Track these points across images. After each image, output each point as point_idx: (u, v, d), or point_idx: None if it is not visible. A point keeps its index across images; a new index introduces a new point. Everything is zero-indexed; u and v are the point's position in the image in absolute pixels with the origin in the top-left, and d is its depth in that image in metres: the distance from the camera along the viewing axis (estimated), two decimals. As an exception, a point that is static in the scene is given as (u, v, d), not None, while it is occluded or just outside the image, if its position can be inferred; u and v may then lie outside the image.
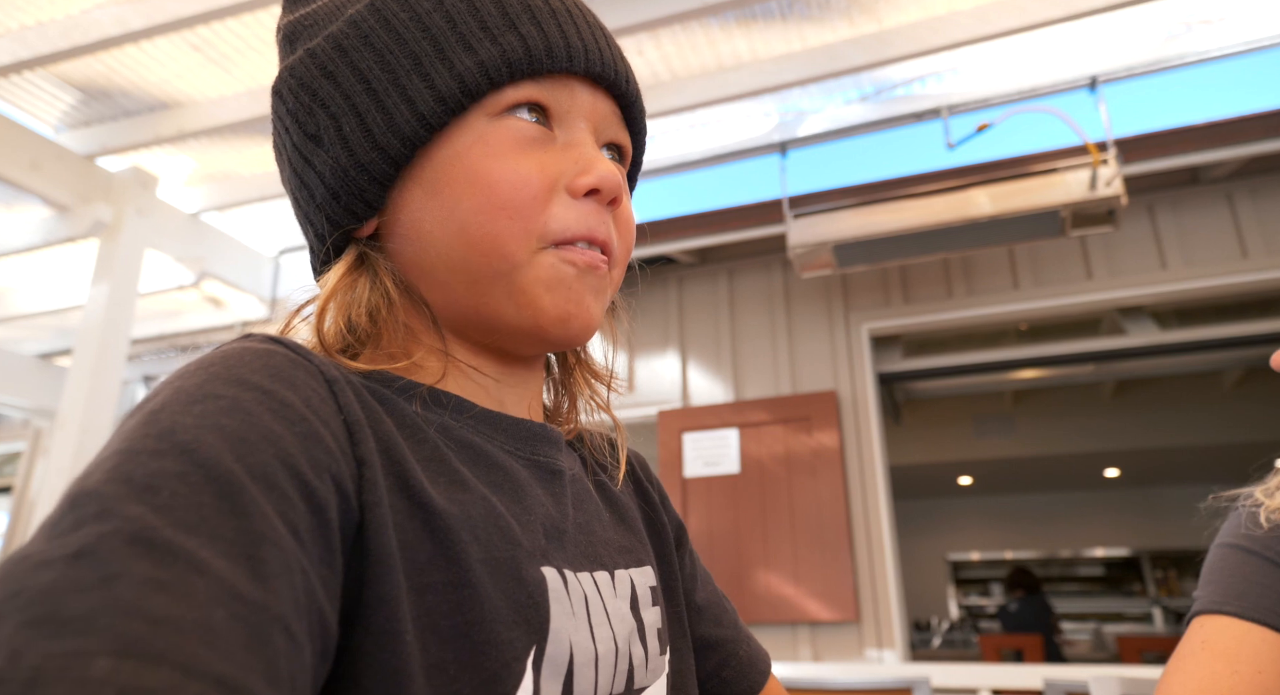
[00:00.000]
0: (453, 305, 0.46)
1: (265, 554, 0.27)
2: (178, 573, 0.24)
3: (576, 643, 0.40)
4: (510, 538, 0.40)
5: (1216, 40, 2.52)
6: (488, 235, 0.43)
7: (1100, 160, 2.54)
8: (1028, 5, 2.35)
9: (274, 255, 3.65)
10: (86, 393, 2.70)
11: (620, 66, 0.49)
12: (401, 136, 0.44)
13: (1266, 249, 2.91)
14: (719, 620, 0.59)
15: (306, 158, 0.46)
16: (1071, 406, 6.02)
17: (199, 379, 0.32)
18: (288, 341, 0.38)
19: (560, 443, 0.50)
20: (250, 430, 0.30)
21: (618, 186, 0.46)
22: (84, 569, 0.24)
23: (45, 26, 2.38)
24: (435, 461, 0.40)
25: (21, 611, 0.22)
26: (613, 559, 0.48)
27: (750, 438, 3.27)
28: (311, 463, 0.31)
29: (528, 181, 0.44)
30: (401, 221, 0.45)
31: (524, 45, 0.44)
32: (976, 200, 2.67)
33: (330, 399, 0.36)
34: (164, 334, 4.10)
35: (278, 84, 0.48)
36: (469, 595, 0.36)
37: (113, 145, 2.84)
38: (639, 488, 0.59)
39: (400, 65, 0.44)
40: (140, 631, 0.22)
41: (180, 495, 0.27)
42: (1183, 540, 7.79)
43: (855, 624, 2.95)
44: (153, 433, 0.29)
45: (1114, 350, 3.34)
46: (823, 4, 2.43)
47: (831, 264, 2.97)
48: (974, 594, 8.35)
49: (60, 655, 0.21)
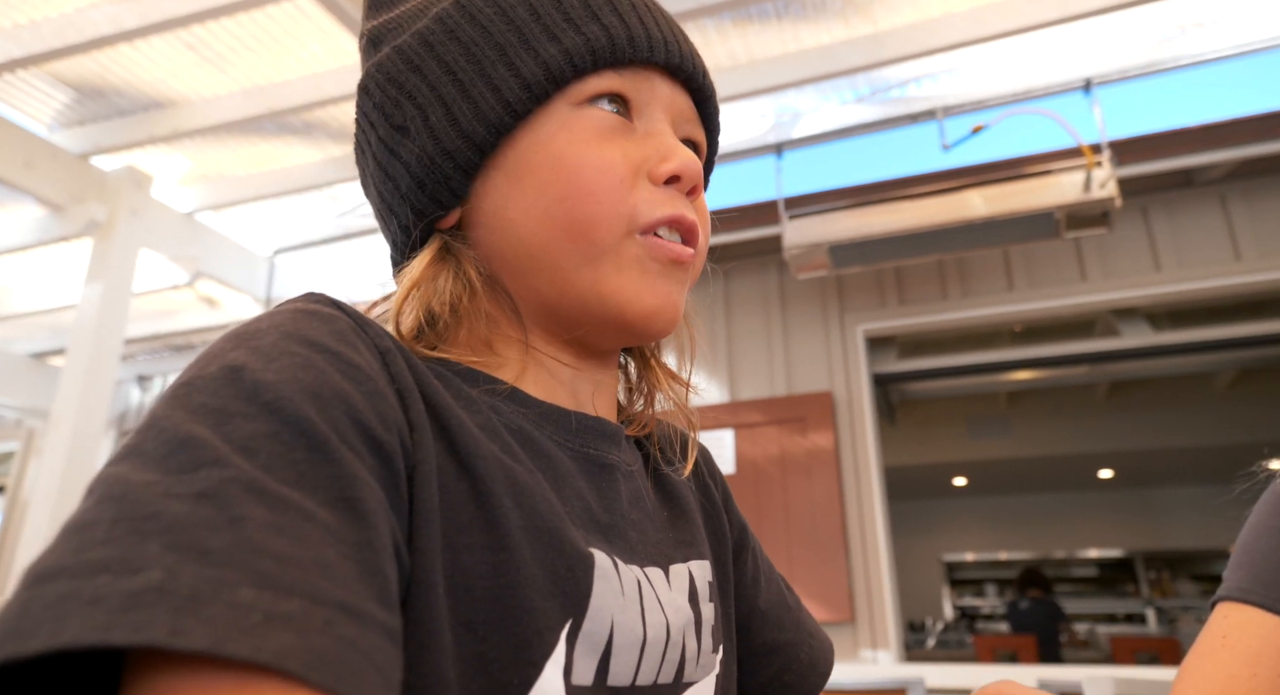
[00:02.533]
0: (535, 295, 0.46)
1: (362, 494, 0.30)
2: (290, 519, 0.27)
3: (620, 624, 0.40)
4: (556, 511, 0.40)
5: (1210, 43, 2.53)
6: (575, 220, 0.43)
7: (1094, 162, 2.55)
8: (1022, 7, 2.36)
9: (269, 255, 3.65)
10: (80, 392, 2.69)
11: (697, 62, 0.50)
12: (487, 124, 0.44)
13: (1260, 251, 2.93)
14: (781, 623, 0.58)
15: (392, 149, 0.47)
16: (1066, 408, 6.04)
17: (273, 338, 0.33)
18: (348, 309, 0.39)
19: (618, 438, 0.49)
20: (324, 386, 0.32)
21: (698, 174, 0.46)
22: (211, 509, 0.26)
23: (39, 25, 2.37)
24: (488, 430, 0.41)
25: (164, 534, 0.24)
26: (667, 555, 0.48)
27: (745, 438, 3.27)
28: (380, 417, 0.33)
29: (612, 167, 0.44)
30: (485, 211, 0.46)
31: (607, 34, 0.45)
32: (971, 202, 2.67)
33: (383, 368, 0.36)
34: (158, 334, 4.08)
35: (364, 81, 0.49)
36: (505, 559, 0.37)
37: (107, 144, 2.83)
38: (701, 484, 0.59)
39: (485, 56, 0.45)
40: (270, 567, 0.25)
41: (276, 454, 0.29)
42: (1176, 541, 7.82)
43: (850, 624, 2.95)
44: (242, 393, 0.30)
45: (1108, 352, 3.35)
46: (818, 5, 2.43)
47: (827, 265, 2.98)
48: (968, 595, 8.37)
49: (210, 579, 0.24)
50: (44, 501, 2.61)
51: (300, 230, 3.56)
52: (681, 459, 0.56)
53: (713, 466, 0.62)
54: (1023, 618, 5.09)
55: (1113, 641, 4.87)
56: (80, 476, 2.67)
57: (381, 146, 0.48)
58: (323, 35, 2.45)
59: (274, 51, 2.52)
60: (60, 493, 2.60)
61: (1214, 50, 2.54)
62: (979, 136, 2.70)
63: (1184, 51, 2.56)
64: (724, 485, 0.61)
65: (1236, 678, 0.57)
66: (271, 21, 2.39)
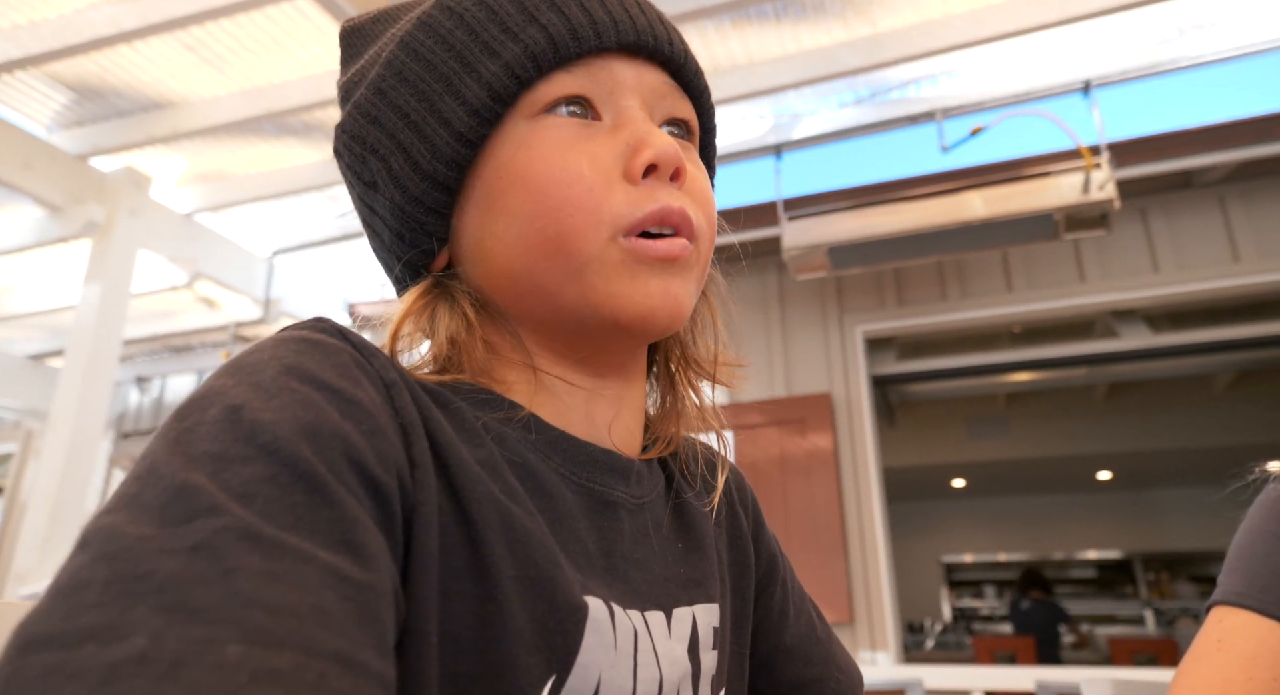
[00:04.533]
0: (532, 318, 0.44)
1: (363, 538, 0.29)
2: (286, 564, 0.26)
3: (608, 680, 0.38)
4: (553, 559, 0.38)
5: (1209, 45, 2.54)
6: (549, 238, 0.41)
7: (1093, 164, 2.55)
8: (1022, 9, 2.36)
9: (267, 256, 3.64)
10: (78, 394, 2.69)
11: (659, 31, 0.46)
12: (445, 160, 0.43)
13: (1258, 253, 2.93)
14: (809, 657, 0.55)
15: (370, 205, 0.47)
16: (1064, 409, 6.04)
17: (273, 371, 0.33)
18: (354, 338, 0.37)
19: (628, 472, 0.46)
20: (322, 425, 0.31)
21: (675, 157, 0.42)
22: (204, 562, 0.25)
23: (38, 26, 2.37)
24: (489, 467, 0.39)
25: (153, 595, 0.24)
26: (672, 596, 0.45)
27: (745, 440, 3.28)
28: (378, 457, 0.32)
29: (579, 176, 0.41)
30: (466, 246, 0.45)
31: (545, 34, 0.42)
32: (970, 203, 2.68)
33: (387, 402, 0.36)
34: (157, 335, 4.08)
35: (335, 144, 0.48)
36: (493, 611, 0.35)
37: (105, 145, 2.83)
38: (730, 512, 0.55)
39: (432, 90, 0.43)
40: (262, 620, 0.24)
41: (274, 499, 0.28)
42: (1175, 542, 7.82)
43: (849, 626, 2.95)
44: (240, 436, 0.30)
45: (1107, 353, 3.36)
46: (817, 7, 2.43)
47: (826, 266, 2.98)
48: (967, 596, 8.37)
49: (196, 641, 0.23)
50: (42, 503, 2.61)
51: (299, 231, 3.56)
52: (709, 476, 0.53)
53: (745, 493, 0.58)
54: (1024, 619, 5.09)
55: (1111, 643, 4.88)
56: (79, 478, 2.67)
57: (361, 205, 0.47)
58: (322, 36, 2.45)
59: (273, 52, 2.52)
60: (59, 494, 2.60)
61: (1213, 52, 2.54)
62: (978, 138, 2.70)
63: (1183, 54, 2.57)
64: (756, 513, 0.58)
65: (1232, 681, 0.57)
66: (270, 23, 2.39)
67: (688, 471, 0.52)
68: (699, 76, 0.49)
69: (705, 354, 0.53)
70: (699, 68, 0.49)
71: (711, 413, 0.53)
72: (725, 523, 0.54)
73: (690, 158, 0.47)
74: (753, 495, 0.59)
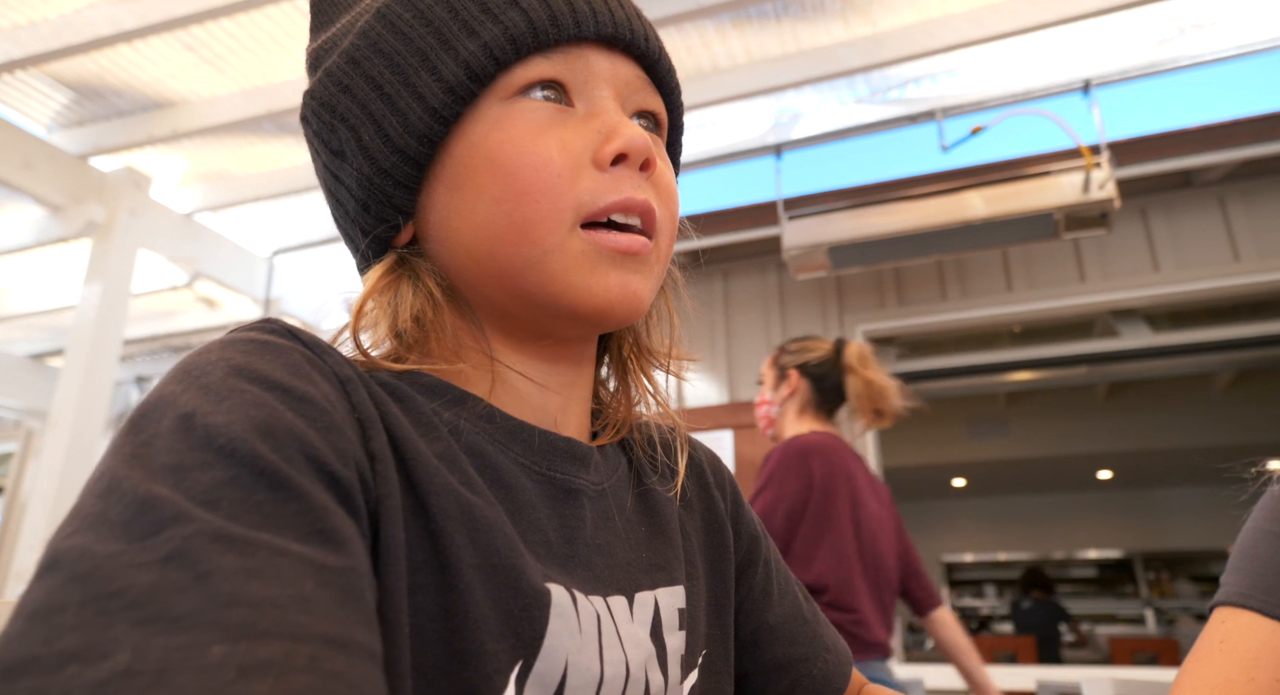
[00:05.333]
0: (490, 302, 0.45)
1: (333, 524, 0.29)
2: (262, 559, 0.26)
3: (576, 663, 0.39)
4: (514, 547, 0.38)
5: (1209, 44, 2.53)
6: (514, 223, 0.42)
7: (1093, 163, 2.55)
8: (1021, 8, 2.36)
9: (268, 256, 3.64)
10: (78, 394, 2.69)
11: (636, 26, 0.46)
12: (417, 134, 0.43)
13: (1258, 252, 2.93)
14: (794, 637, 0.55)
15: (336, 174, 0.46)
16: (1065, 409, 6.04)
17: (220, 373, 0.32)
18: (305, 337, 0.37)
19: (588, 459, 0.47)
20: (276, 424, 0.31)
21: (646, 148, 0.43)
22: (177, 570, 0.25)
23: (38, 25, 2.37)
24: (447, 459, 0.39)
25: (130, 611, 0.24)
26: (634, 581, 0.46)
27: (745, 439, 3.27)
28: (337, 453, 0.32)
29: (549, 161, 0.42)
30: (432, 222, 0.45)
31: (526, 19, 0.43)
32: (970, 203, 2.68)
33: (343, 398, 0.35)
34: (157, 335, 4.08)
35: (303, 110, 0.48)
36: (455, 600, 0.36)
37: (106, 145, 2.83)
38: (704, 494, 0.55)
39: (408, 64, 0.43)
40: (245, 616, 0.24)
41: (239, 501, 0.28)
42: (1175, 542, 7.82)
43: (849, 625, 2.95)
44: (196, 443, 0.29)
45: (1107, 352, 3.35)
46: (818, 6, 2.43)
47: (826, 266, 2.98)
48: (968, 596, 8.37)
49: (179, 647, 0.23)
50: (42, 503, 2.61)
51: (299, 231, 3.55)
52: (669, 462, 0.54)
53: (722, 475, 0.58)
54: (1025, 618, 5.10)
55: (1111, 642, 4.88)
56: (79, 478, 2.67)
57: (327, 173, 0.47)
58: (322, 36, 2.45)
59: (273, 52, 2.52)
60: (59, 494, 2.60)
61: (1213, 51, 2.54)
62: (978, 137, 2.70)
63: (1183, 53, 2.57)
64: (734, 495, 0.58)
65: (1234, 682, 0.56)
66: (270, 22, 2.39)
67: (647, 457, 0.53)
68: (671, 74, 0.49)
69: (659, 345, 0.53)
70: (672, 66, 0.50)
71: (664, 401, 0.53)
72: (699, 506, 0.54)
73: (659, 151, 0.47)
74: (731, 477, 0.59)
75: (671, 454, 0.54)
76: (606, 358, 0.54)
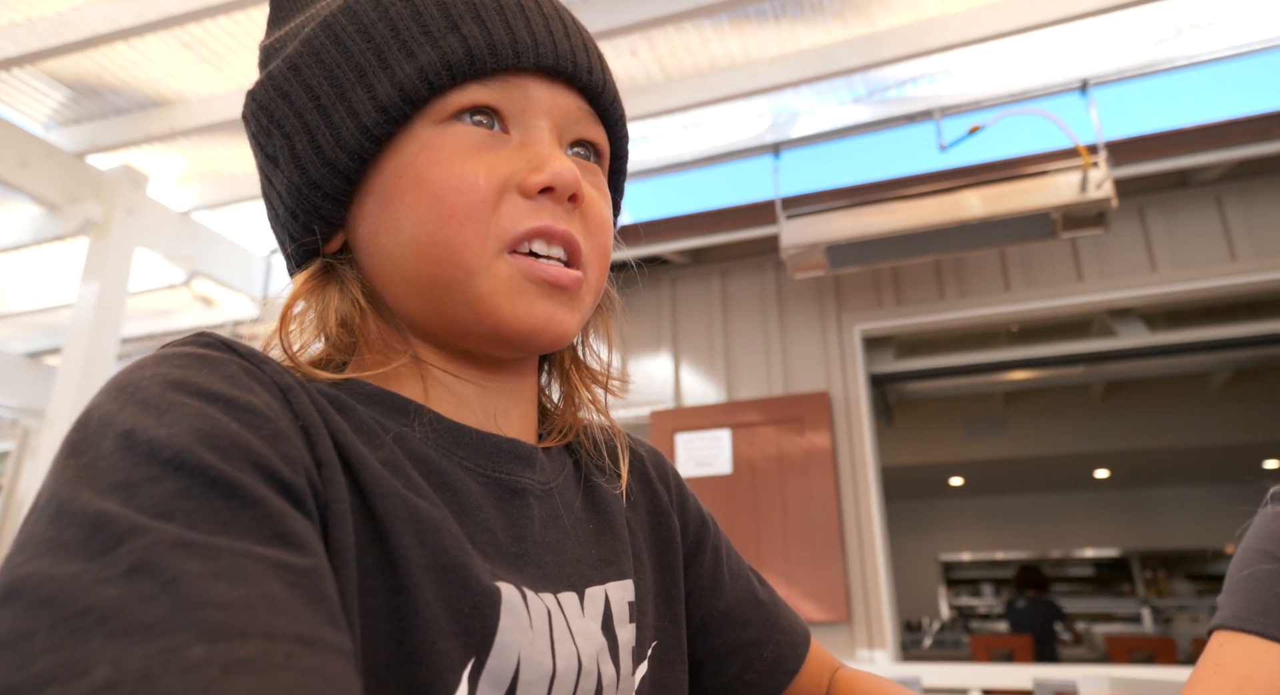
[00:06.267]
0: (417, 316, 0.45)
1: (291, 527, 0.29)
2: (226, 562, 0.26)
3: (528, 658, 0.39)
4: (462, 547, 0.39)
5: (1206, 44, 2.54)
6: (438, 244, 0.42)
7: (1091, 163, 2.56)
8: (1019, 8, 2.36)
9: (265, 254, 3.64)
10: (75, 392, 2.68)
11: (580, 58, 0.46)
12: (348, 150, 0.43)
13: (1255, 251, 2.93)
14: (746, 621, 0.56)
15: (269, 179, 0.47)
16: (1062, 408, 6.05)
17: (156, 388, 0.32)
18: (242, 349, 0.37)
19: (532, 459, 0.47)
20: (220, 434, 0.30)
21: (573, 183, 0.43)
22: (143, 581, 0.25)
23: (35, 23, 2.36)
24: (391, 465, 0.39)
25: (102, 626, 0.24)
26: (584, 577, 0.46)
27: (742, 438, 3.28)
28: (284, 460, 0.32)
29: (473, 185, 0.42)
30: (360, 236, 0.45)
31: (464, 46, 0.42)
32: (968, 202, 2.68)
33: (285, 407, 0.35)
34: (154, 333, 4.07)
35: (244, 109, 0.47)
36: (405, 601, 0.36)
37: (103, 143, 2.82)
38: (648, 489, 0.56)
39: (346, 78, 0.43)
40: (218, 617, 0.24)
41: (193, 510, 0.27)
42: (1172, 541, 7.84)
43: (846, 624, 2.96)
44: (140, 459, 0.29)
45: (1104, 352, 3.36)
46: (816, 6, 2.43)
47: (824, 265, 2.98)
48: (965, 594, 8.38)
49: (158, 652, 0.23)
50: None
51: (297, 229, 3.55)
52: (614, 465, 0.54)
53: (664, 469, 0.59)
54: (1020, 617, 5.10)
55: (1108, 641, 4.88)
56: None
57: (262, 176, 0.48)
58: (320, 34, 2.45)
59: (271, 50, 2.51)
60: (56, 492, 2.60)
61: (1210, 51, 2.54)
62: (976, 137, 2.70)
63: (1180, 52, 2.57)
64: (678, 486, 0.59)
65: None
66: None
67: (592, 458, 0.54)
68: (615, 105, 0.49)
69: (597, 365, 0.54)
70: (617, 95, 0.50)
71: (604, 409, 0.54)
72: (643, 501, 0.55)
73: (594, 182, 0.48)
74: (674, 469, 0.60)
75: (614, 455, 0.55)
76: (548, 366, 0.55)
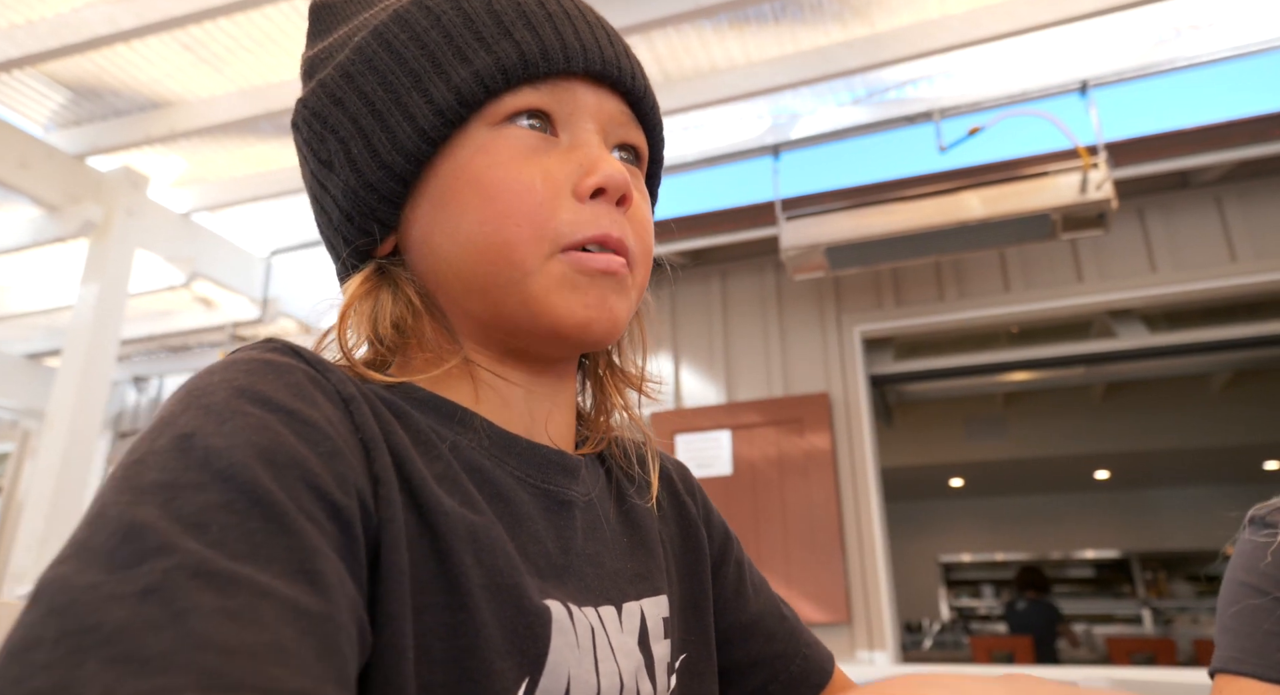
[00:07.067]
0: (471, 317, 0.46)
1: (321, 566, 0.28)
2: (243, 600, 0.25)
3: (576, 677, 0.40)
4: (514, 564, 0.39)
5: (1206, 45, 2.54)
6: (495, 244, 0.43)
7: (1090, 164, 2.56)
8: (1019, 9, 2.36)
9: (265, 256, 3.64)
10: (75, 394, 2.68)
11: (624, 63, 0.48)
12: (405, 152, 0.44)
13: (1255, 252, 2.93)
14: (772, 634, 0.56)
15: (322, 183, 0.48)
16: (1062, 409, 6.05)
17: (223, 395, 0.32)
18: (308, 355, 0.38)
19: (577, 470, 0.48)
20: (278, 451, 0.31)
21: (624, 184, 0.45)
22: (154, 607, 0.24)
23: (35, 25, 2.36)
24: (448, 479, 0.40)
25: (102, 648, 0.23)
26: (621, 591, 0.47)
27: (742, 439, 3.28)
28: (338, 480, 0.32)
29: (531, 188, 0.43)
30: (414, 237, 0.46)
31: (518, 51, 0.44)
32: (968, 203, 2.68)
33: (346, 418, 0.36)
34: (154, 335, 4.08)
35: (294, 117, 0.49)
36: (465, 619, 0.36)
37: (103, 145, 2.82)
38: (676, 501, 0.57)
39: (401, 83, 0.44)
40: (217, 663, 0.23)
41: (230, 526, 0.27)
42: (1172, 542, 7.83)
43: (846, 625, 2.95)
44: (192, 463, 0.29)
45: (1104, 353, 3.36)
46: (815, 7, 2.43)
47: (824, 266, 2.98)
48: (965, 595, 8.38)
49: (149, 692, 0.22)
50: (39, 503, 2.60)
51: (297, 231, 3.55)
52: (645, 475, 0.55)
53: (689, 481, 0.60)
54: (1020, 619, 5.10)
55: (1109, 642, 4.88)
56: (76, 478, 2.67)
57: (314, 181, 0.48)
58: (320, 36, 2.44)
59: (271, 52, 2.51)
60: (55, 494, 2.60)
61: (1210, 52, 2.54)
62: (975, 138, 2.70)
63: (1180, 53, 2.57)
64: (703, 499, 0.60)
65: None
66: (268, 22, 2.39)
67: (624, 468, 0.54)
68: (655, 111, 0.51)
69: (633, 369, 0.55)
70: (656, 103, 0.52)
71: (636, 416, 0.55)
72: (672, 514, 0.56)
73: (637, 185, 0.49)
74: (697, 482, 0.61)
75: (644, 465, 0.55)
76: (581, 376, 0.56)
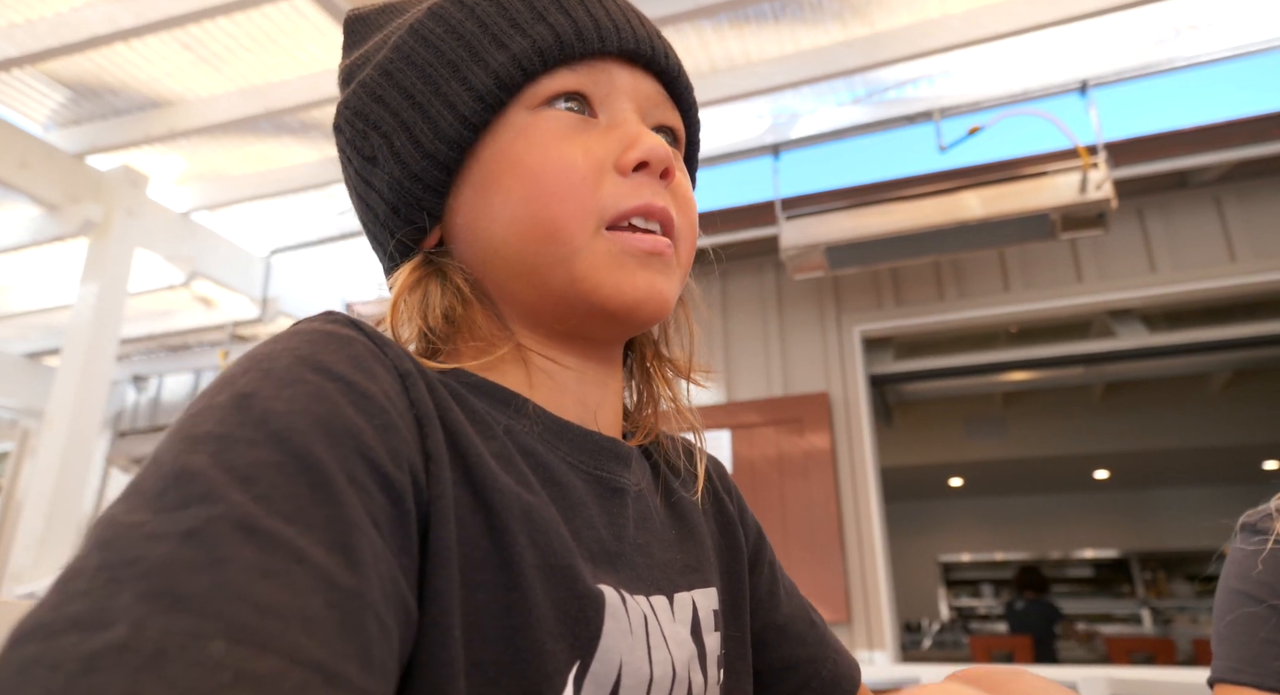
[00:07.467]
0: (519, 300, 0.46)
1: (357, 542, 0.28)
2: (279, 560, 0.25)
3: (628, 664, 0.40)
4: (568, 546, 0.39)
5: (1205, 45, 2.54)
6: (540, 223, 0.43)
7: (1090, 163, 2.56)
8: (1019, 9, 2.36)
9: (265, 255, 3.64)
10: (75, 393, 2.68)
11: (657, 43, 0.49)
12: (447, 140, 0.45)
13: (1254, 252, 2.94)
14: (803, 638, 0.56)
15: (367, 180, 0.48)
16: (1061, 408, 6.05)
17: (286, 361, 0.33)
18: (368, 329, 0.38)
19: (629, 459, 0.48)
20: (335, 420, 0.31)
21: (666, 157, 0.46)
22: (195, 549, 0.25)
23: (35, 24, 2.36)
24: (503, 458, 0.40)
25: (140, 580, 0.23)
26: (672, 582, 0.46)
27: (742, 439, 3.28)
28: (391, 454, 0.32)
29: (574, 165, 0.44)
30: (460, 225, 0.47)
31: (553, 33, 0.45)
32: (967, 203, 2.68)
33: (403, 393, 0.36)
34: (154, 334, 4.07)
35: (336, 119, 0.50)
36: (518, 599, 0.36)
37: (102, 144, 2.82)
38: (715, 498, 0.57)
39: (440, 74, 0.46)
40: (249, 618, 0.23)
41: (278, 486, 0.27)
42: (1172, 542, 7.84)
43: (846, 625, 2.96)
44: (249, 420, 0.29)
45: (1103, 352, 3.36)
46: (815, 7, 2.43)
47: (823, 266, 2.98)
48: (964, 595, 8.38)
49: (180, 633, 0.22)
50: (38, 502, 2.60)
51: (296, 230, 3.55)
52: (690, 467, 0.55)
53: (726, 478, 0.60)
54: (1019, 618, 5.11)
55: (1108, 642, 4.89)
56: (75, 477, 2.67)
57: (359, 179, 0.49)
58: (319, 35, 2.45)
59: (270, 51, 2.51)
60: (55, 493, 2.60)
61: (1209, 52, 2.54)
62: (975, 138, 2.70)
63: (1179, 53, 2.57)
64: (739, 496, 0.60)
65: None
66: (268, 21, 2.39)
67: (670, 461, 0.54)
68: (689, 92, 0.52)
69: (679, 355, 0.56)
70: (690, 84, 0.52)
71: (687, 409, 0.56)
72: (712, 510, 0.56)
73: (678, 163, 0.49)
74: (733, 482, 0.61)
75: (691, 458, 0.56)
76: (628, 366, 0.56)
